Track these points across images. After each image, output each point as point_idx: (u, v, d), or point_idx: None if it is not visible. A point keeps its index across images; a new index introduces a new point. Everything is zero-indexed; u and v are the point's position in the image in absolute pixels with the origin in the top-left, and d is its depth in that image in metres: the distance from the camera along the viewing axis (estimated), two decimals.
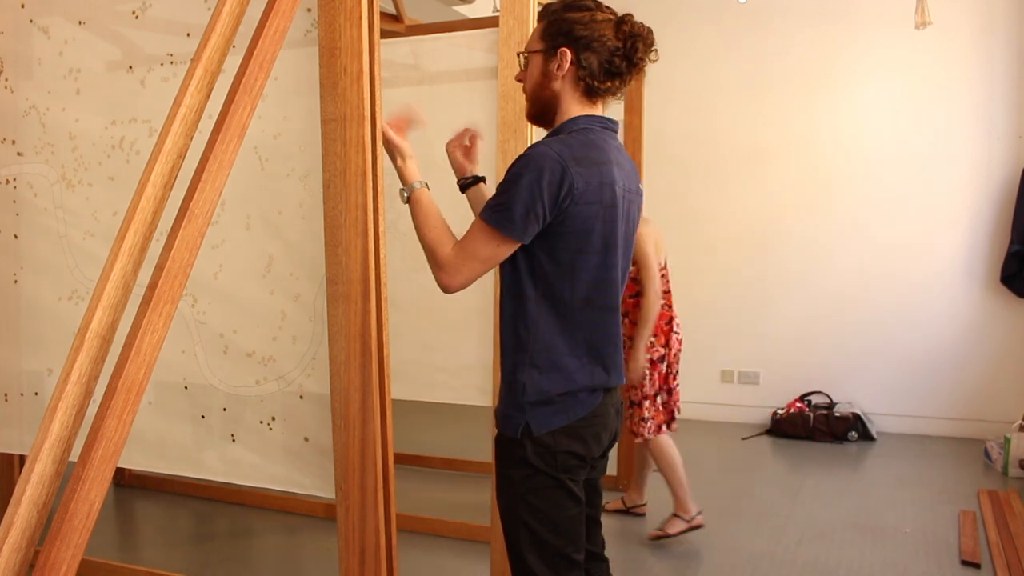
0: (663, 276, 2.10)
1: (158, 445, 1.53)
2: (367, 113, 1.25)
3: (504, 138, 1.60)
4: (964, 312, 3.11)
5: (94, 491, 0.95)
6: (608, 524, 1.44)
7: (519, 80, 1.07)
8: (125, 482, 2.50)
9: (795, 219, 3.30)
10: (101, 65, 1.53)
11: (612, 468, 2.42)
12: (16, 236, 1.64)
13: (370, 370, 1.29)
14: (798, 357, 3.30)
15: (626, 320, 2.07)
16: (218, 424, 1.47)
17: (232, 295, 1.43)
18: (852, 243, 3.24)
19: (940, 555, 2.01)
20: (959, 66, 3.08)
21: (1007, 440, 2.66)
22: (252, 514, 2.29)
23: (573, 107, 1.02)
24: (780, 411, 3.21)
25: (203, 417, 1.49)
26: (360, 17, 1.24)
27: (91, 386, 1.01)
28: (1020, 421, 2.72)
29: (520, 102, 1.42)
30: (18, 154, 1.62)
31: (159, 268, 1.03)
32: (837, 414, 3.15)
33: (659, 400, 2.08)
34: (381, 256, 1.28)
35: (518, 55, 1.08)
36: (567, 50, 1.00)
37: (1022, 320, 3.03)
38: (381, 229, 1.27)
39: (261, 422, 1.42)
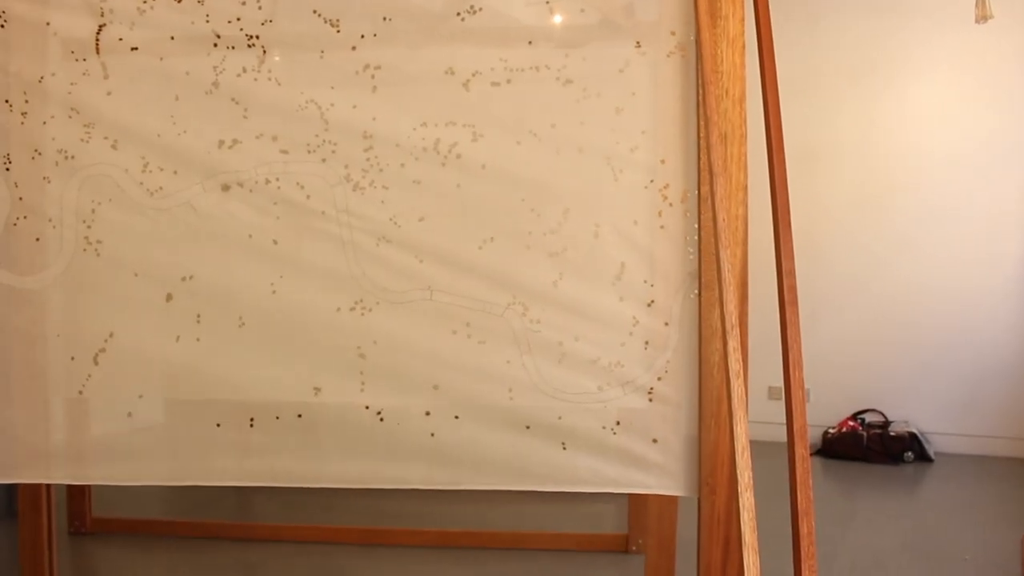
0: None
1: (471, 461, 1.87)
2: (746, 132, 1.83)
3: None
4: None
5: None
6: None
7: None
8: (86, 529, 2.64)
9: (846, 225, 4.05)
10: (406, 64, 1.88)
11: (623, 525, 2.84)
12: (276, 242, 1.90)
13: (737, 369, 1.81)
14: (851, 373, 4.11)
15: None
16: (546, 433, 1.85)
17: (574, 302, 1.85)
18: (908, 251, 3.97)
19: None
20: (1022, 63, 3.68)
21: None
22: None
23: None
24: (832, 430, 4.02)
25: (528, 428, 1.88)
26: (743, 45, 1.81)
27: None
28: None
29: None
30: (282, 152, 1.90)
31: (788, 273, 1.51)
32: (892, 433, 4.02)
33: None
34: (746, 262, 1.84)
35: None
36: None
37: None
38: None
39: (603, 427, 1.85)
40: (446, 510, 3.08)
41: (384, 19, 1.86)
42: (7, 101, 1.90)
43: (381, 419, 1.87)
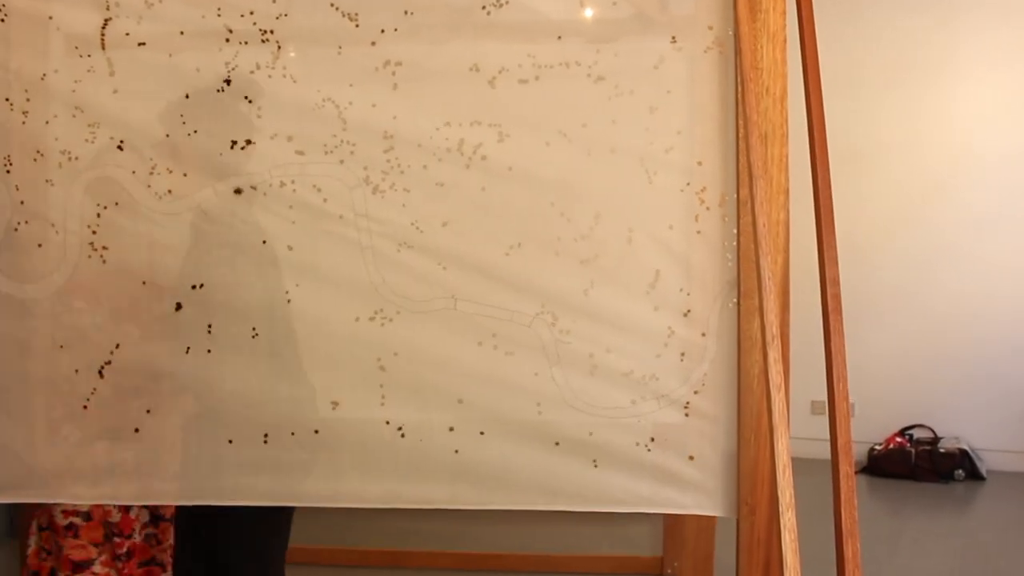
0: None
1: (497, 479, 1.99)
2: (787, 132, 1.94)
3: None
4: None
5: None
6: None
7: None
8: None
9: (891, 230, 4.22)
10: (429, 60, 2.00)
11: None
12: (291, 248, 2.01)
13: (778, 382, 1.93)
14: (898, 386, 4.27)
15: None
16: (576, 450, 1.97)
17: (606, 312, 1.96)
18: (957, 257, 4.17)
19: None
20: None
21: None
22: None
23: None
24: (878, 447, 4.17)
25: (557, 444, 1.99)
26: (784, 40, 1.93)
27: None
28: None
29: None
30: (298, 153, 2.02)
31: (833, 281, 1.63)
32: (942, 450, 4.17)
33: None
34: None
35: None
36: None
37: None
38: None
39: (637, 444, 1.97)
40: (470, 531, 3.20)
41: (406, 13, 1.99)
42: (7, 99, 2.02)
43: (402, 435, 1.99)
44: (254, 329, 2.01)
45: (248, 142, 2.01)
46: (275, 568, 2.29)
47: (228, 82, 2.01)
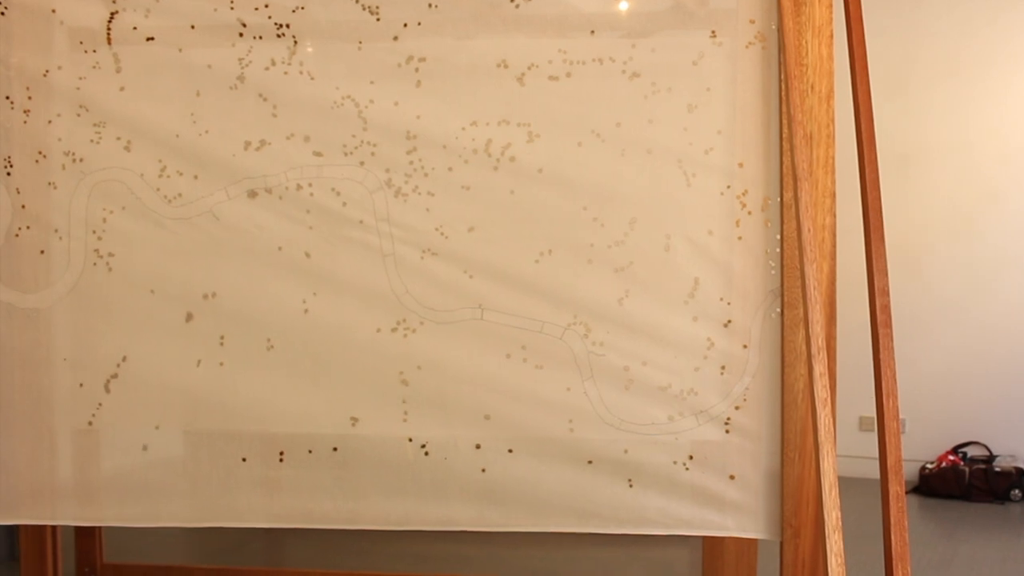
0: None
1: (526, 500, 2.11)
2: (834, 132, 2.06)
3: None
4: None
5: None
6: None
7: None
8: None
9: (944, 237, 4.35)
10: (454, 56, 2.12)
11: None
12: (308, 254, 2.14)
13: (824, 397, 2.04)
14: (950, 401, 4.38)
15: None
16: (610, 469, 2.09)
17: (642, 323, 2.08)
18: (1013, 267, 4.32)
19: None
20: None
21: None
22: None
23: None
24: (930, 465, 4.29)
25: (589, 463, 2.11)
26: (830, 35, 2.04)
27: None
28: None
29: None
30: (315, 154, 2.14)
31: (882, 291, 1.74)
32: (997, 469, 4.28)
33: None
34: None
35: None
36: None
37: None
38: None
39: (674, 462, 2.09)
40: (498, 554, 3.30)
41: (429, 6, 2.11)
42: (8, 97, 2.16)
43: (426, 453, 2.12)
44: (269, 340, 2.13)
45: (263, 142, 2.13)
46: None
47: (241, 79, 2.12)
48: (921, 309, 4.41)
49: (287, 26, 2.12)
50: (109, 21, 2.14)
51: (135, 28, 2.13)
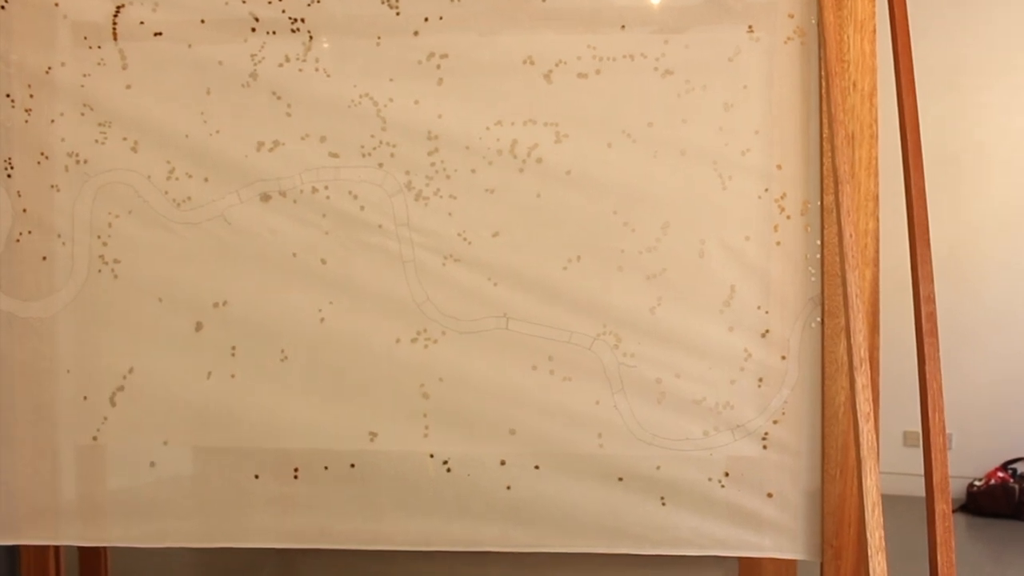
0: None
1: (553, 519, 2.20)
2: (877, 132, 2.15)
3: None
4: None
5: None
6: None
7: None
8: None
9: (997, 243, 4.44)
10: (478, 52, 2.21)
11: None
12: (324, 261, 2.23)
13: (866, 411, 2.14)
14: (1000, 416, 4.46)
15: None
16: (642, 487, 2.19)
17: (675, 333, 2.17)
18: None
19: None
20: None
21: None
22: None
23: None
24: (978, 483, 4.37)
25: (620, 480, 2.21)
26: (873, 30, 2.14)
27: None
28: None
29: None
30: (332, 155, 2.23)
31: (927, 299, 1.84)
32: None
33: None
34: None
35: None
36: None
37: None
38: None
39: (709, 479, 2.19)
40: None
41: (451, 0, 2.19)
42: (8, 96, 2.26)
43: (448, 469, 2.22)
44: (283, 351, 2.23)
45: (276, 143, 2.23)
46: None
47: (254, 76, 2.22)
48: (969, 318, 4.52)
49: (302, 20, 2.22)
50: (115, 15, 2.23)
51: (142, 23, 2.23)
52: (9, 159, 2.25)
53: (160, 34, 2.24)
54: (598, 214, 2.19)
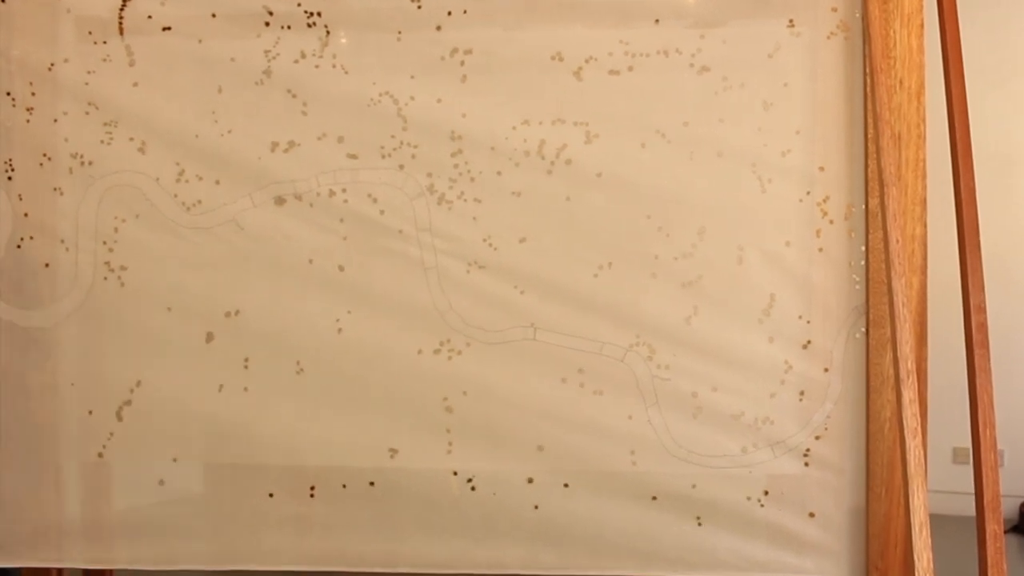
0: None
1: (584, 540, 2.29)
2: (925, 132, 2.23)
3: None
4: None
5: None
6: None
7: None
8: None
9: None
10: (503, 48, 2.30)
11: None
12: (342, 268, 2.32)
13: (914, 426, 2.22)
14: None
15: None
16: (677, 506, 2.28)
17: (712, 344, 2.26)
18: None
19: None
20: None
21: None
22: None
23: None
24: None
25: (654, 499, 2.30)
26: (920, 24, 2.22)
27: None
28: None
29: None
30: (350, 156, 2.32)
31: (978, 309, 1.93)
32: None
33: None
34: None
35: None
36: None
37: None
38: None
39: (748, 498, 2.28)
40: None
41: None
42: (9, 94, 2.36)
43: (472, 487, 2.31)
44: (298, 363, 2.33)
45: (291, 143, 2.32)
46: None
47: (268, 73, 2.31)
48: (1022, 328, 4.63)
49: (318, 14, 2.31)
50: (121, 9, 2.33)
51: (150, 17, 2.33)
52: (9, 160, 2.33)
53: (169, 29, 2.33)
54: (630, 218, 2.28)
